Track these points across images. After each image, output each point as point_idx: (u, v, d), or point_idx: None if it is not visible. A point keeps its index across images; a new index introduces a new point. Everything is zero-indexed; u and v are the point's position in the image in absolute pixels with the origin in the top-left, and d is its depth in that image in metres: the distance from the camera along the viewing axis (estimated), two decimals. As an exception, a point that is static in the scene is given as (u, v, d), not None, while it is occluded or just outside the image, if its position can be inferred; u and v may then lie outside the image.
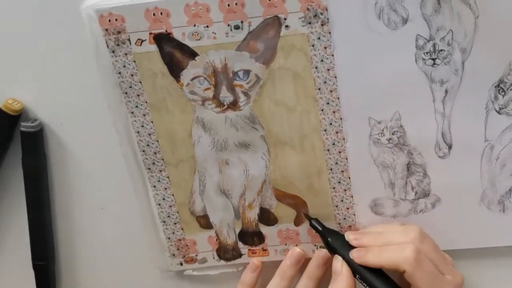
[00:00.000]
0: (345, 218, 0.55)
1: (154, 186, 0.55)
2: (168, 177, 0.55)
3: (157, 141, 0.53)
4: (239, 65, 0.49)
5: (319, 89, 0.50)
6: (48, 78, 0.52)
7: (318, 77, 0.50)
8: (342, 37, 0.48)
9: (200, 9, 0.48)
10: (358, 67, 0.49)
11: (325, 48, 0.49)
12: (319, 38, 0.48)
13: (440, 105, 0.50)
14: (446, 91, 0.49)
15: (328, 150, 0.52)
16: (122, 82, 0.51)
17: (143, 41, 0.49)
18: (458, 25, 0.47)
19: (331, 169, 0.53)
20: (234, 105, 0.51)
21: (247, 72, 0.50)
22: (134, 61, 0.50)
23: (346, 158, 0.53)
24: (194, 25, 0.48)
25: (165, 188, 0.55)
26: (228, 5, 0.47)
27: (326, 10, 0.47)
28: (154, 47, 0.49)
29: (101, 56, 0.50)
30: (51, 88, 0.53)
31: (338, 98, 0.50)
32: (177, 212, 0.56)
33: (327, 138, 0.52)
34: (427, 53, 0.48)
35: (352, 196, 0.54)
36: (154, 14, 0.48)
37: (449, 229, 0.54)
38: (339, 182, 0.54)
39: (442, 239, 0.53)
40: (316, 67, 0.49)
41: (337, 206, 0.55)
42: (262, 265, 0.57)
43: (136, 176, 0.55)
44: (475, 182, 0.52)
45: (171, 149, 0.54)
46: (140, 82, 0.51)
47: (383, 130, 0.51)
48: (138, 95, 0.51)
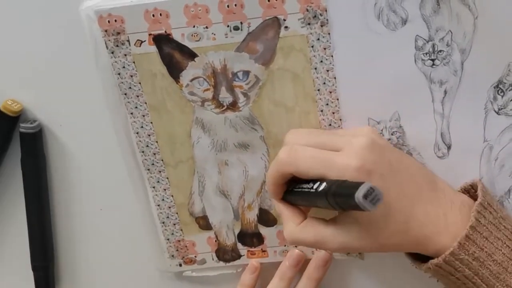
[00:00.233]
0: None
1: (154, 187, 0.55)
2: (168, 178, 0.55)
3: (157, 142, 0.53)
4: (239, 66, 0.49)
5: (319, 90, 0.50)
6: (48, 79, 0.52)
7: (318, 78, 0.50)
8: (342, 38, 0.48)
9: (200, 10, 0.48)
10: (358, 68, 0.49)
11: (325, 49, 0.49)
12: (319, 39, 0.48)
13: (439, 106, 0.50)
14: (445, 92, 0.49)
15: (328, 151, 0.52)
16: (122, 83, 0.51)
17: (143, 42, 0.49)
18: (457, 26, 0.47)
19: (331, 170, 0.53)
20: (234, 106, 0.51)
21: (247, 73, 0.50)
22: (134, 62, 0.50)
23: (346, 159, 0.53)
24: (194, 26, 0.48)
25: (164, 189, 0.55)
26: (228, 6, 0.47)
27: (326, 11, 0.47)
28: (154, 48, 0.49)
29: (101, 57, 0.50)
30: (51, 89, 0.53)
31: (338, 99, 0.50)
32: (176, 213, 0.56)
33: (327, 139, 0.52)
34: (426, 54, 0.48)
35: (352, 197, 0.54)
36: (154, 15, 0.48)
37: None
38: (339, 183, 0.53)
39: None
40: (316, 68, 0.49)
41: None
42: (261, 266, 0.57)
43: (136, 177, 0.55)
44: (474, 183, 0.53)
45: (171, 150, 0.54)
46: (140, 83, 0.51)
47: (382, 131, 0.51)
48: (138, 96, 0.51)
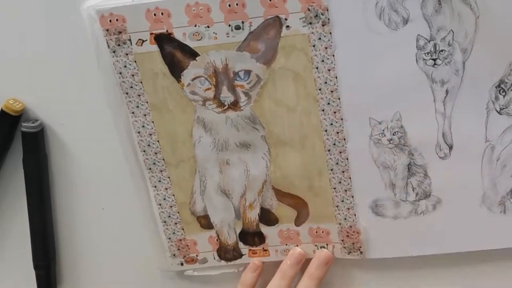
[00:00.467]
0: (346, 219, 0.55)
1: (155, 186, 0.55)
2: (169, 177, 0.55)
3: (158, 141, 0.53)
4: (240, 65, 0.49)
5: (320, 90, 0.50)
6: (49, 79, 0.52)
7: (319, 78, 0.50)
8: (343, 38, 0.48)
9: (201, 10, 0.48)
10: (359, 68, 0.49)
11: (326, 49, 0.49)
12: (320, 39, 0.48)
13: (441, 106, 0.50)
14: (447, 92, 0.49)
15: (329, 151, 0.52)
16: (123, 82, 0.51)
17: (144, 41, 0.49)
18: (459, 26, 0.47)
19: (332, 170, 0.53)
20: (235, 105, 0.51)
21: (248, 72, 0.50)
22: (135, 61, 0.50)
23: (347, 159, 0.53)
24: (195, 25, 0.48)
25: (166, 188, 0.55)
26: (229, 6, 0.47)
27: (327, 11, 0.47)
28: (155, 47, 0.49)
29: (102, 56, 0.50)
30: (52, 89, 0.53)
31: (339, 99, 0.50)
32: (178, 212, 0.56)
33: (328, 139, 0.52)
34: (428, 53, 0.48)
35: (353, 197, 0.54)
36: (155, 14, 0.48)
37: (450, 231, 0.54)
38: (340, 183, 0.54)
39: (443, 241, 0.53)
40: (317, 68, 0.49)
41: (338, 207, 0.55)
42: (263, 265, 0.57)
43: (137, 176, 0.55)
44: (476, 183, 0.52)
45: (172, 149, 0.54)
46: (141, 82, 0.51)
47: (384, 131, 0.51)
48: (139, 95, 0.51)
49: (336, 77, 0.50)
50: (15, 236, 0.59)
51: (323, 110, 0.51)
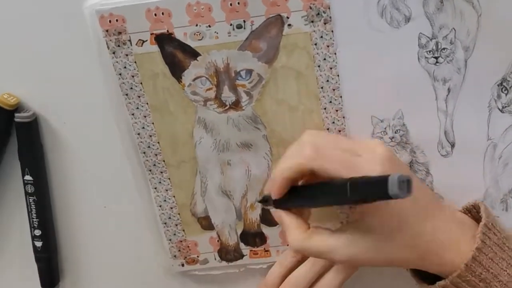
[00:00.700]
0: (348, 216, 0.55)
1: (155, 188, 0.55)
2: (169, 179, 0.54)
3: (158, 143, 0.53)
4: (242, 65, 0.49)
5: (322, 88, 0.50)
6: (49, 78, 0.52)
7: (321, 76, 0.49)
8: (345, 36, 0.48)
9: (202, 9, 0.47)
10: (361, 66, 0.49)
11: (328, 47, 0.48)
12: (322, 37, 0.48)
13: (443, 104, 0.50)
14: (449, 90, 0.49)
15: (331, 150, 0.52)
16: (123, 83, 0.50)
17: (144, 42, 0.49)
18: (461, 24, 0.47)
19: (334, 169, 0.53)
20: (236, 105, 0.51)
21: (250, 72, 0.49)
22: (135, 62, 0.50)
23: (349, 158, 0.52)
24: (196, 25, 0.48)
25: (166, 190, 0.55)
26: (231, 5, 0.47)
27: (329, 9, 0.47)
28: (156, 48, 0.49)
29: (102, 57, 0.49)
30: (53, 88, 0.52)
31: (341, 97, 0.50)
32: (178, 214, 0.56)
33: (330, 138, 0.52)
34: (430, 52, 0.48)
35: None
36: (156, 14, 0.48)
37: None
38: (342, 182, 0.53)
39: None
40: (319, 66, 0.49)
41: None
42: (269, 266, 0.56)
43: (139, 177, 0.54)
44: (478, 181, 0.52)
45: (172, 151, 0.53)
46: (141, 83, 0.50)
47: (386, 129, 0.51)
48: (139, 97, 0.51)
49: (338, 75, 0.49)
50: (16, 229, 0.59)
51: (325, 109, 0.51)
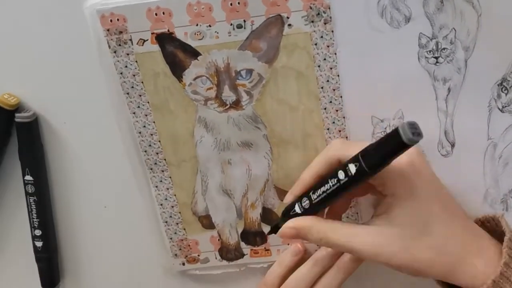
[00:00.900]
0: (348, 217, 0.55)
1: (156, 187, 0.55)
2: (170, 177, 0.55)
3: (159, 142, 0.53)
4: (242, 65, 0.49)
5: (322, 88, 0.50)
6: (49, 78, 0.52)
7: (321, 76, 0.50)
8: (345, 36, 0.48)
9: (203, 9, 0.47)
10: (361, 66, 0.49)
11: (328, 47, 0.48)
12: (322, 37, 0.48)
13: (443, 103, 0.50)
14: (449, 89, 0.49)
15: (331, 149, 0.52)
16: (124, 83, 0.51)
17: (145, 41, 0.49)
18: (461, 24, 0.47)
19: (334, 168, 0.53)
20: (237, 105, 0.51)
21: (250, 72, 0.50)
22: (136, 61, 0.50)
23: (349, 157, 0.53)
24: (197, 25, 0.48)
25: (167, 188, 0.55)
26: (231, 4, 0.47)
27: (329, 9, 0.47)
28: (156, 47, 0.49)
29: (103, 57, 0.50)
30: (53, 88, 0.52)
31: (341, 97, 0.50)
32: (179, 213, 0.56)
33: (330, 137, 0.52)
34: (430, 52, 0.48)
35: (355, 195, 0.54)
36: (156, 14, 0.48)
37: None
38: (342, 181, 0.53)
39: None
40: (319, 66, 0.49)
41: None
42: (305, 252, 0.56)
43: (140, 176, 0.55)
44: (478, 181, 0.52)
45: (173, 149, 0.53)
46: (142, 83, 0.51)
47: (386, 129, 0.51)
48: (140, 96, 0.51)
49: (338, 75, 0.50)
50: (16, 229, 0.59)
51: (325, 109, 0.51)
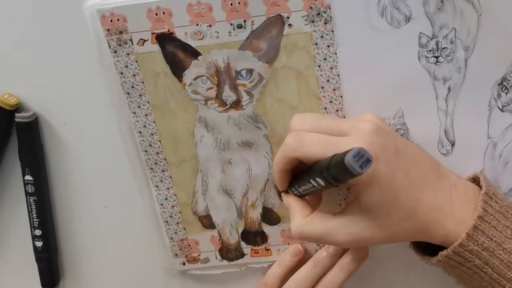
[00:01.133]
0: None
1: (157, 186, 0.55)
2: (171, 177, 0.55)
3: (159, 141, 0.53)
4: (242, 64, 0.49)
5: (322, 88, 0.50)
6: (49, 78, 0.52)
7: (321, 76, 0.50)
8: (345, 36, 0.48)
9: (203, 9, 0.47)
10: (361, 65, 0.49)
11: (328, 47, 0.48)
12: (322, 37, 0.48)
13: (443, 103, 0.50)
14: (449, 89, 0.49)
15: (331, 149, 0.52)
16: (124, 82, 0.51)
17: (145, 41, 0.49)
18: (461, 23, 0.47)
19: (334, 168, 0.53)
20: (237, 105, 0.51)
21: (250, 71, 0.50)
22: (136, 61, 0.50)
23: (349, 157, 0.52)
24: (197, 25, 0.48)
25: (168, 188, 0.55)
26: (231, 4, 0.47)
27: (329, 9, 0.47)
28: (157, 47, 0.49)
29: (103, 57, 0.50)
30: (54, 88, 0.52)
31: (341, 97, 0.50)
32: (180, 212, 0.56)
33: (330, 137, 0.52)
34: (430, 51, 0.48)
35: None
36: (156, 14, 0.48)
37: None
38: (343, 181, 0.53)
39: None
40: (319, 66, 0.49)
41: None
42: (305, 252, 0.56)
43: (140, 175, 0.55)
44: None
45: (174, 149, 0.53)
46: (142, 82, 0.51)
47: (386, 128, 0.51)
48: (140, 95, 0.51)
49: (339, 75, 0.50)
50: (16, 229, 0.59)
51: (325, 108, 0.51)
